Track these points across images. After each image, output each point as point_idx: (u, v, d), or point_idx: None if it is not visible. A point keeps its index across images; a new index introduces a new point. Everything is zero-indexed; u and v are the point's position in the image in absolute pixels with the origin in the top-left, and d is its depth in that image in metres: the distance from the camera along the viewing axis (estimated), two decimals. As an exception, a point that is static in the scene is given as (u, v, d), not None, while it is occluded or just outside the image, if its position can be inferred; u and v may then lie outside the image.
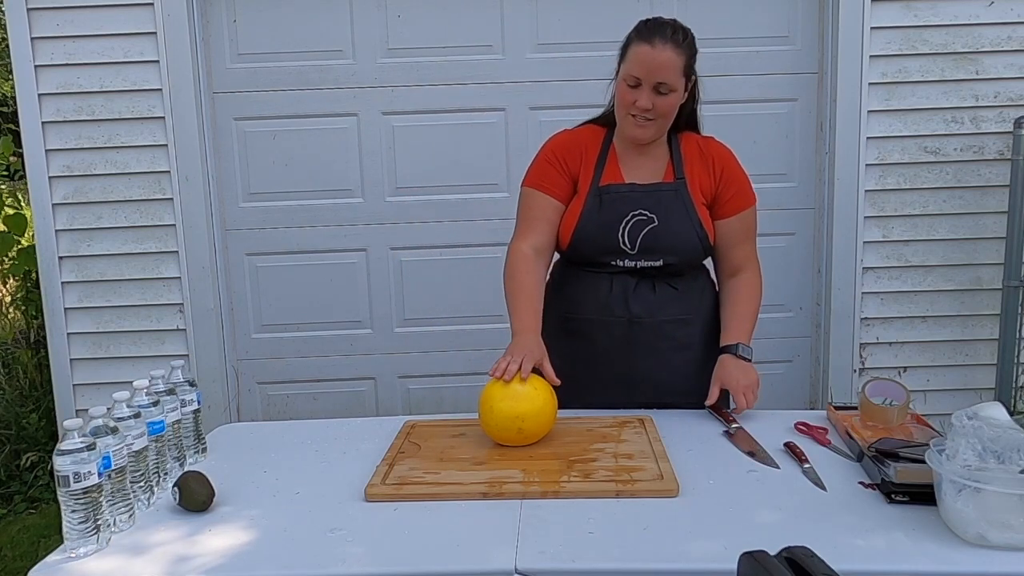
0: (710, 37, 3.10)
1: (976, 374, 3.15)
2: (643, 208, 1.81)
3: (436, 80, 3.15)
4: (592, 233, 1.82)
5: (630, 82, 1.76)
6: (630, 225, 1.80)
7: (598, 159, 1.85)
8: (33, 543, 2.94)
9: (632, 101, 1.76)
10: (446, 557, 1.25)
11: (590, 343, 1.86)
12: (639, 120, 1.78)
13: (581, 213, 1.82)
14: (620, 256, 1.82)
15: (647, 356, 1.85)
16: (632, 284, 1.84)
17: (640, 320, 1.84)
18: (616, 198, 1.82)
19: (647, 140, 1.83)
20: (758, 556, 0.93)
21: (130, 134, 3.05)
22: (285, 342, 3.29)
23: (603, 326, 1.84)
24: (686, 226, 1.82)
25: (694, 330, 1.90)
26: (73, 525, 1.28)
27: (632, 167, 1.85)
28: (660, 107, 1.76)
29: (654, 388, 1.86)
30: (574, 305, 1.88)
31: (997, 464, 1.23)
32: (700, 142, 1.92)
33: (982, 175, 3.06)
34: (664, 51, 1.73)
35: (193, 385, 1.67)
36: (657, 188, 1.83)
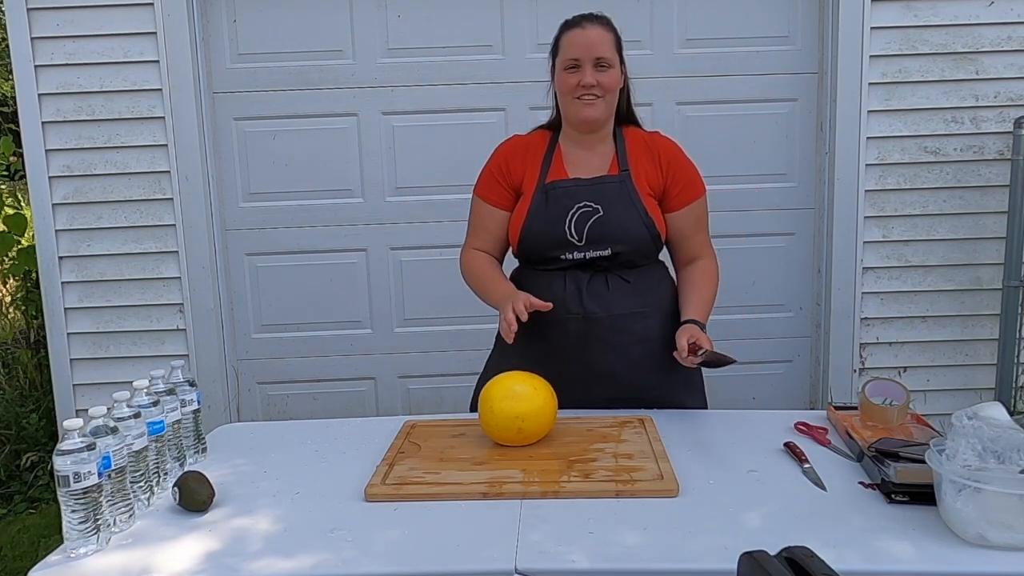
0: (710, 37, 3.12)
1: (976, 374, 3.15)
2: (588, 200, 1.85)
3: (436, 80, 3.15)
4: (539, 228, 1.87)
5: (569, 66, 1.84)
6: (576, 217, 1.84)
7: (544, 159, 1.92)
8: (33, 543, 2.94)
9: (576, 83, 1.83)
10: (446, 557, 1.25)
11: (548, 342, 1.87)
12: (586, 99, 1.83)
13: (528, 211, 1.88)
14: (569, 249, 1.85)
15: (605, 351, 1.86)
16: (585, 280, 1.86)
17: (595, 316, 1.85)
18: (561, 193, 1.87)
19: (599, 120, 1.87)
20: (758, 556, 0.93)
21: (130, 134, 3.05)
22: (285, 342, 3.29)
23: (559, 324, 1.85)
24: (631, 215, 1.85)
25: (652, 323, 1.90)
26: (73, 525, 1.28)
27: (577, 164, 1.91)
28: (604, 82, 1.83)
29: (615, 383, 1.86)
30: None
31: (997, 464, 1.23)
32: (646, 137, 1.96)
33: (982, 175, 3.06)
34: (594, 29, 1.84)
35: (193, 385, 1.67)
36: (601, 180, 1.88)
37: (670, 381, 1.90)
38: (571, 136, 1.93)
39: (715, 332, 3.29)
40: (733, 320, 3.27)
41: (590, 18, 1.87)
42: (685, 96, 3.15)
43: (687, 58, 3.13)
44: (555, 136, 1.95)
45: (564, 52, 1.86)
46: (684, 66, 3.14)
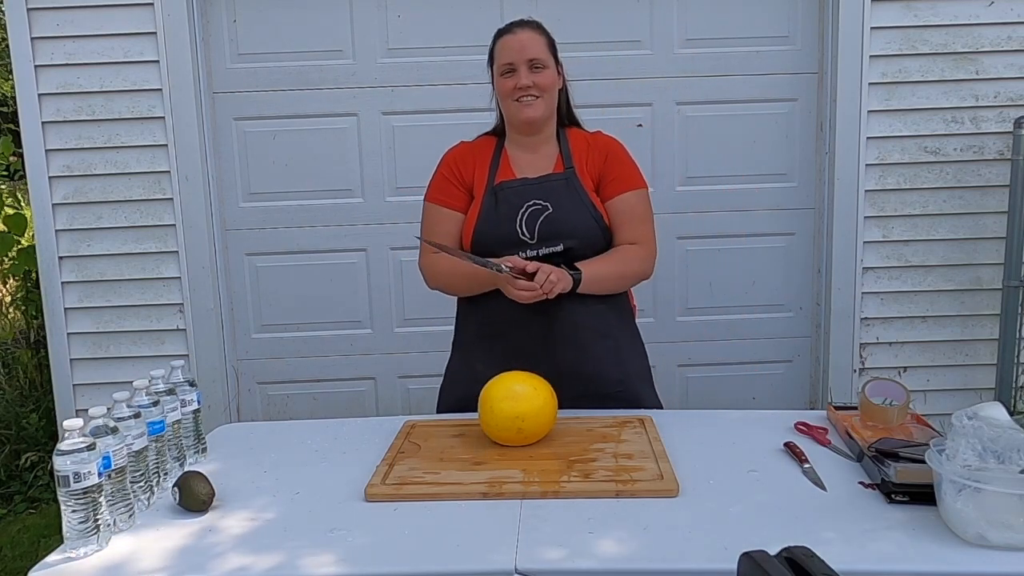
0: (710, 37, 3.12)
1: (976, 374, 3.15)
2: (536, 198, 1.89)
3: (436, 80, 3.15)
4: (491, 229, 1.90)
5: (505, 71, 1.90)
6: (526, 215, 1.88)
7: (491, 163, 1.97)
8: (33, 543, 2.95)
9: (513, 86, 1.89)
10: (446, 557, 1.25)
11: (508, 344, 1.89)
12: (525, 100, 1.89)
13: (479, 212, 1.92)
14: (521, 247, 1.87)
15: (566, 349, 1.88)
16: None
17: (552, 313, 1.86)
18: (510, 193, 1.91)
19: (539, 119, 1.92)
20: (758, 556, 0.93)
21: (130, 134, 3.05)
22: (285, 342, 3.29)
23: (518, 324, 1.88)
24: (580, 210, 1.89)
25: (610, 318, 1.93)
26: (73, 525, 1.28)
27: (523, 165, 1.96)
28: (540, 82, 1.88)
29: (580, 381, 1.86)
30: (490, 310, 1.92)
31: (997, 464, 1.23)
32: (587, 136, 2.01)
33: (982, 175, 3.06)
34: (524, 32, 1.91)
35: (193, 385, 1.67)
36: (548, 179, 1.92)
37: (630, 376, 1.94)
38: (516, 139, 1.98)
39: (715, 332, 3.34)
40: (733, 320, 3.28)
41: (520, 24, 1.94)
42: (685, 96, 3.15)
43: (687, 58, 3.13)
44: (501, 141, 2.01)
45: (499, 58, 1.92)
46: (684, 66, 3.14)
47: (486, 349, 1.93)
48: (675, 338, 3.27)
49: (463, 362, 2.00)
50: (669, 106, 3.15)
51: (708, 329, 3.28)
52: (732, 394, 3.30)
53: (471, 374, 1.88)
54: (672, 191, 3.19)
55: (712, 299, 3.26)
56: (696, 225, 3.21)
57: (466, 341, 2.01)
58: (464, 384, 1.92)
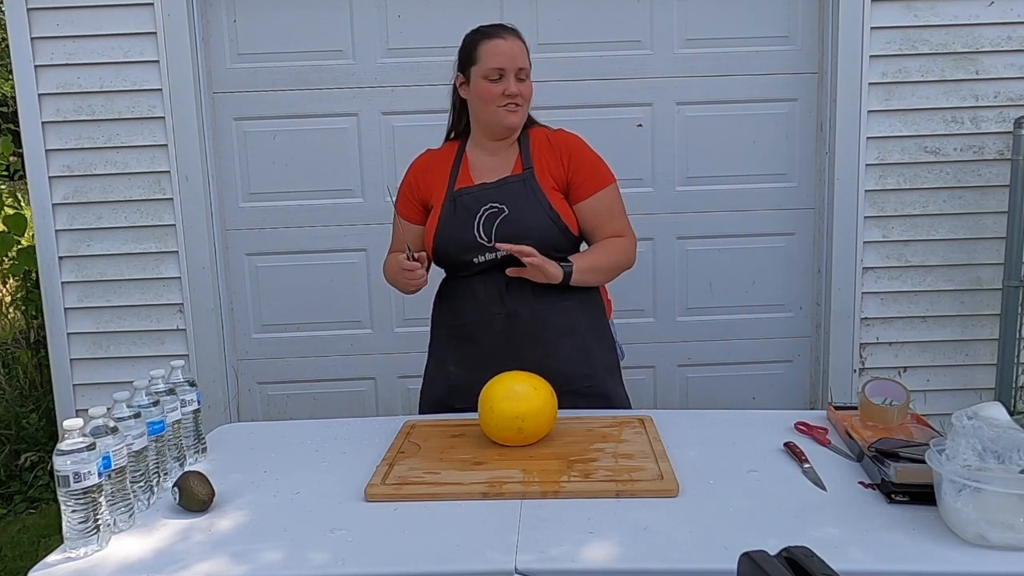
0: (710, 37, 3.12)
1: (976, 374, 3.15)
2: (493, 201, 1.91)
3: (436, 80, 3.13)
4: (450, 235, 1.92)
5: (493, 76, 1.89)
6: (483, 219, 1.90)
7: (451, 171, 1.98)
8: (33, 543, 2.95)
9: (500, 92, 1.89)
10: (446, 557, 1.25)
11: (476, 345, 1.93)
12: (510, 107, 1.90)
13: (438, 220, 1.94)
14: (480, 251, 1.90)
15: (533, 347, 1.89)
16: (503, 280, 1.90)
17: (518, 313, 1.90)
18: (468, 199, 1.93)
19: (518, 125, 1.94)
20: (758, 556, 0.93)
21: (130, 134, 3.05)
22: (285, 342, 3.29)
23: (484, 325, 1.92)
24: (537, 210, 1.90)
25: (576, 315, 1.94)
26: (73, 525, 1.28)
27: (482, 170, 1.97)
28: (524, 92, 1.92)
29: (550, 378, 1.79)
30: (455, 313, 1.98)
31: (997, 464, 1.23)
32: (549, 134, 2.01)
33: (982, 175, 3.06)
34: (515, 42, 1.92)
35: (193, 385, 1.67)
36: (505, 181, 1.93)
37: (598, 370, 1.95)
38: (479, 143, 1.99)
39: (715, 332, 3.34)
40: (733, 320, 3.28)
41: (507, 29, 1.94)
42: (685, 96, 3.15)
43: (687, 58, 3.13)
44: (462, 145, 2.01)
45: (486, 61, 1.90)
46: (684, 66, 3.14)
47: (456, 350, 1.97)
48: (675, 338, 3.27)
49: (437, 364, 2.04)
50: (669, 106, 3.15)
51: (708, 329, 3.27)
52: (732, 394, 3.30)
53: (444, 376, 1.98)
54: (672, 191, 3.19)
55: (712, 299, 3.26)
56: (696, 225, 3.21)
57: (439, 344, 2.04)
58: (440, 386, 2.00)
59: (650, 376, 3.31)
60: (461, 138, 2.03)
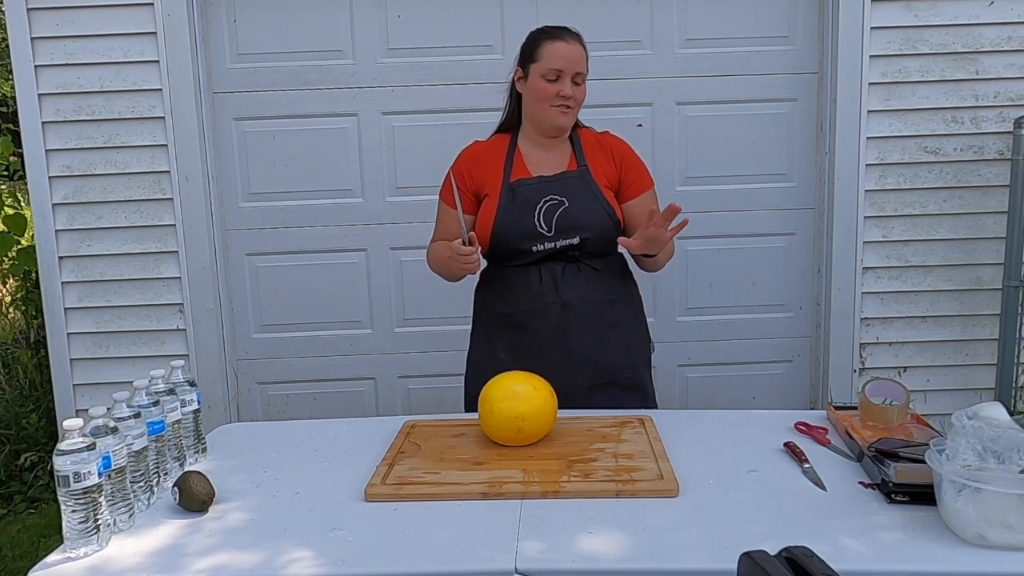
0: (710, 37, 3.12)
1: (976, 374, 3.15)
2: (552, 194, 1.97)
3: (436, 80, 3.15)
4: (511, 223, 1.97)
5: (550, 76, 1.96)
6: (544, 209, 1.96)
7: (505, 162, 2.03)
8: (33, 543, 2.95)
9: (555, 92, 1.95)
10: (446, 557, 1.25)
11: (529, 333, 1.99)
12: (562, 108, 1.97)
13: (497, 209, 1.99)
14: (539, 240, 1.96)
15: (583, 337, 1.97)
16: (559, 271, 1.97)
17: (572, 304, 1.97)
18: (527, 189, 1.99)
19: (568, 127, 2.02)
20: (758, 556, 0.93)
21: (130, 134, 3.05)
22: (285, 342, 3.29)
23: (538, 314, 1.98)
24: (594, 204, 1.98)
25: (621, 309, 2.04)
26: (73, 525, 1.28)
27: (537, 163, 2.03)
28: (577, 95, 1.99)
29: (594, 368, 1.98)
30: (509, 302, 2.03)
31: (997, 464, 1.23)
32: (598, 137, 2.10)
33: (982, 175, 3.06)
34: (576, 46, 1.99)
35: (193, 385, 1.67)
36: (563, 176, 2.01)
37: (637, 363, 2.06)
38: (531, 137, 2.05)
39: (715, 332, 3.34)
40: (733, 320, 3.28)
41: (571, 33, 2.00)
42: (685, 96, 3.15)
43: (687, 58, 3.13)
44: (513, 138, 2.07)
45: (547, 61, 1.96)
46: (684, 66, 3.14)
47: (507, 338, 2.03)
48: (675, 338, 3.27)
49: (487, 351, 2.08)
50: (669, 106, 3.15)
51: (708, 329, 3.28)
52: (732, 394, 3.30)
53: (495, 362, 1.99)
54: (672, 191, 3.19)
55: (712, 299, 3.26)
56: (696, 225, 3.18)
57: (489, 331, 2.08)
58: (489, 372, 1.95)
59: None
60: (511, 132, 2.08)
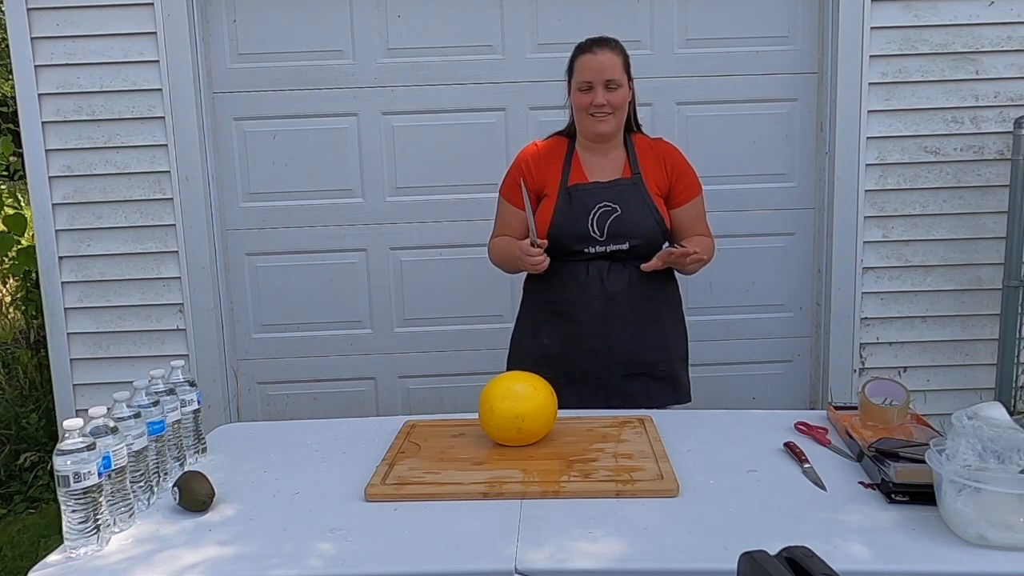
0: (710, 37, 3.12)
1: (976, 374, 3.15)
2: (607, 200, 2.08)
3: (436, 80, 3.15)
4: (565, 225, 2.08)
5: (583, 88, 2.08)
6: (597, 215, 2.07)
7: (564, 165, 2.14)
8: (33, 543, 2.95)
9: (589, 102, 2.07)
10: (446, 557, 1.25)
11: (573, 321, 2.10)
12: (599, 116, 2.07)
13: (554, 210, 2.09)
14: (591, 243, 2.07)
15: (623, 329, 2.09)
16: (606, 267, 2.09)
17: (615, 296, 2.08)
18: (583, 195, 2.09)
19: (610, 133, 2.11)
20: (758, 556, 0.93)
21: (130, 134, 3.05)
22: (285, 342, 3.29)
23: (583, 304, 2.09)
24: (645, 213, 2.09)
25: (660, 306, 2.15)
26: (73, 525, 1.28)
27: (594, 168, 2.14)
28: (613, 101, 2.06)
29: (630, 360, 2.10)
30: (557, 291, 2.13)
31: (997, 464, 1.23)
32: (651, 143, 2.20)
33: (982, 175, 3.06)
34: (604, 54, 2.07)
35: (193, 385, 1.67)
36: (617, 183, 2.11)
37: (671, 358, 2.15)
38: (586, 144, 2.16)
39: (715, 332, 3.34)
40: (733, 320, 3.28)
41: (601, 43, 2.10)
42: (685, 96, 3.15)
43: (687, 58, 3.13)
44: (571, 143, 2.18)
45: (578, 75, 2.09)
46: (684, 66, 3.14)
47: (552, 324, 2.14)
48: (675, 338, 3.27)
49: (531, 336, 2.19)
50: (669, 106, 3.15)
51: (708, 329, 3.27)
52: (732, 394, 3.30)
53: (537, 346, 2.15)
54: (672, 191, 3.19)
55: (712, 299, 3.26)
56: (696, 225, 3.21)
57: (535, 317, 2.19)
58: (531, 354, 2.16)
59: (650, 376, 3.30)
60: (569, 137, 2.19)
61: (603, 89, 2.05)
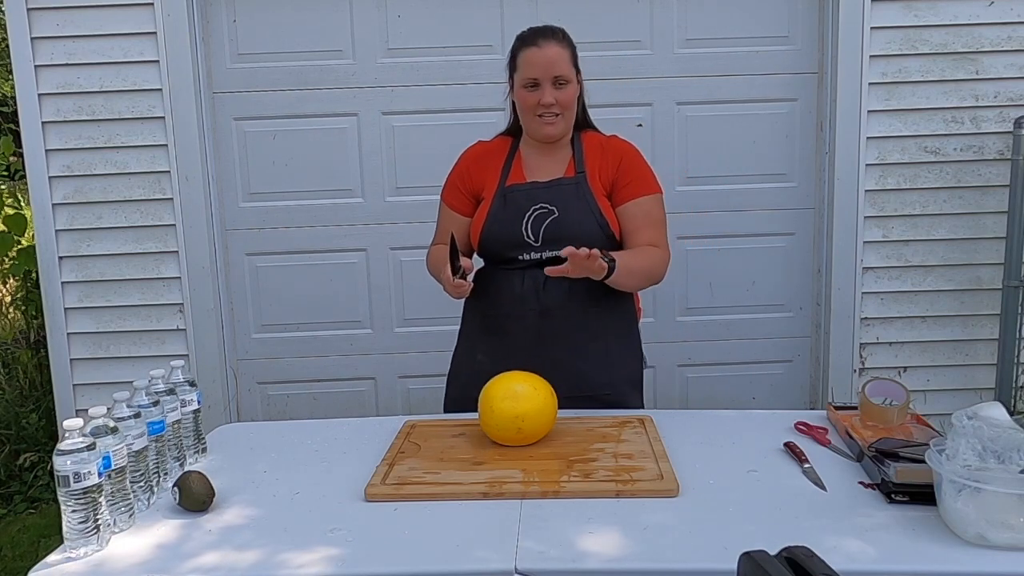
0: (710, 37, 3.12)
1: (976, 374, 3.15)
2: (544, 202, 1.90)
3: (436, 80, 3.15)
4: (498, 230, 1.92)
5: (529, 85, 1.88)
6: (532, 218, 1.90)
7: (504, 165, 1.97)
8: (33, 543, 2.95)
9: (536, 101, 1.87)
10: (446, 557, 1.25)
11: (508, 337, 1.92)
12: (547, 118, 1.88)
13: (488, 213, 1.94)
14: (526, 249, 1.90)
15: (562, 346, 1.89)
16: (542, 277, 1.87)
17: (551, 311, 1.89)
18: (518, 196, 1.92)
19: (559, 135, 1.93)
20: (758, 556, 0.93)
21: (130, 134, 3.05)
22: (285, 342, 3.29)
23: (517, 319, 1.92)
24: (586, 215, 1.89)
25: (606, 321, 1.94)
26: (73, 525, 1.28)
27: (535, 168, 1.96)
28: (562, 100, 1.88)
29: (575, 379, 1.87)
30: (491, 303, 1.97)
31: (997, 464, 1.23)
32: (602, 140, 2.00)
33: (982, 175, 3.06)
34: (551, 48, 1.87)
35: (193, 385, 1.67)
36: (557, 183, 1.92)
37: (618, 380, 1.95)
38: (530, 143, 1.98)
39: (715, 332, 3.34)
40: (733, 320, 3.28)
41: (546, 34, 1.90)
42: (685, 96, 3.15)
43: (687, 58, 3.13)
44: (516, 141, 2.01)
45: (522, 71, 1.89)
46: (684, 66, 3.14)
47: (487, 341, 1.98)
48: (675, 338, 3.27)
49: (467, 352, 2.05)
50: (669, 106, 3.15)
51: (708, 329, 3.27)
52: (732, 394, 3.30)
53: (473, 364, 1.97)
54: (672, 191, 3.18)
55: (712, 299, 3.26)
56: (696, 225, 3.21)
57: (470, 333, 2.05)
58: (466, 374, 1.99)
59: (650, 376, 3.28)
60: (514, 135, 2.02)
61: (551, 87, 1.86)
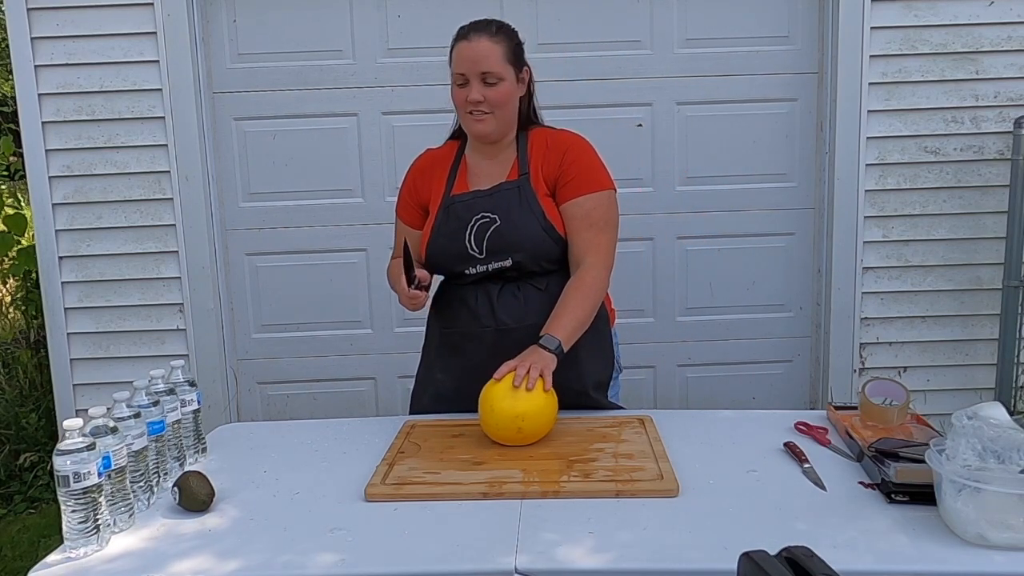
0: (710, 37, 3.12)
1: (976, 374, 3.15)
2: (485, 211, 1.81)
3: (436, 80, 3.13)
4: (441, 244, 1.84)
5: (459, 81, 1.80)
6: (475, 229, 1.81)
7: (449, 174, 1.89)
8: (33, 543, 2.95)
9: (464, 98, 1.79)
10: (446, 557, 1.25)
11: (465, 356, 1.85)
12: (476, 115, 1.79)
13: (432, 228, 1.86)
14: (471, 263, 1.82)
15: None
16: (496, 291, 1.82)
17: (507, 327, 1.80)
18: (460, 207, 1.84)
19: (492, 134, 1.83)
20: (758, 556, 0.93)
21: (130, 134, 3.05)
22: (285, 342, 3.29)
23: (474, 337, 1.84)
24: (529, 220, 1.79)
25: None
26: (73, 525, 1.28)
27: (479, 175, 1.87)
28: (492, 98, 1.78)
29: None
30: (448, 320, 1.92)
31: (997, 464, 1.23)
32: (549, 135, 1.88)
33: (982, 175, 3.06)
34: (480, 42, 1.77)
35: (193, 385, 1.67)
36: (499, 189, 1.83)
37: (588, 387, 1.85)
38: (475, 146, 1.89)
39: (715, 332, 3.34)
40: (733, 320, 3.28)
41: (479, 28, 1.80)
42: (685, 96, 3.15)
43: (687, 58, 3.13)
44: (462, 146, 1.92)
45: (453, 66, 1.81)
46: (684, 66, 3.14)
47: (445, 359, 1.92)
48: (675, 338, 3.27)
49: (426, 370, 2.00)
50: (669, 106, 3.15)
51: (708, 329, 3.27)
52: (732, 394, 3.30)
53: (432, 383, 1.95)
54: (672, 191, 3.19)
55: (712, 299, 3.26)
56: (696, 225, 3.21)
57: (429, 349, 2.00)
58: (427, 394, 1.96)
59: (650, 376, 3.30)
60: (462, 138, 1.93)
61: (479, 84, 1.75)
